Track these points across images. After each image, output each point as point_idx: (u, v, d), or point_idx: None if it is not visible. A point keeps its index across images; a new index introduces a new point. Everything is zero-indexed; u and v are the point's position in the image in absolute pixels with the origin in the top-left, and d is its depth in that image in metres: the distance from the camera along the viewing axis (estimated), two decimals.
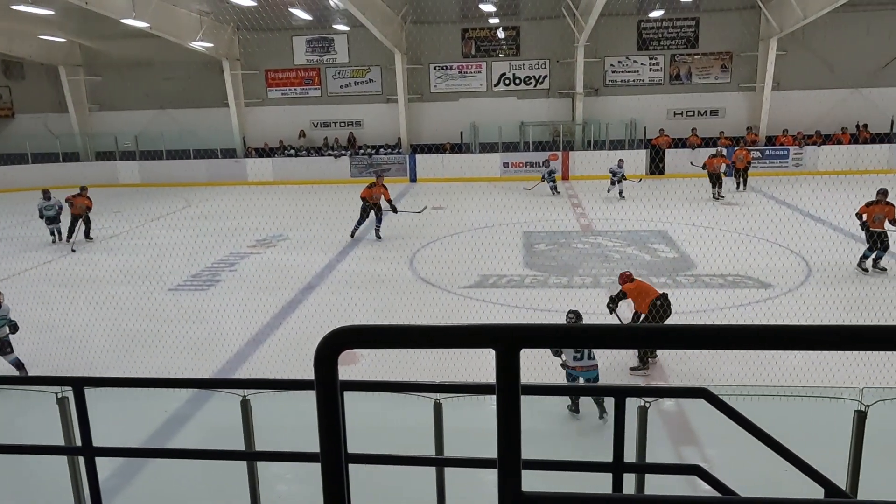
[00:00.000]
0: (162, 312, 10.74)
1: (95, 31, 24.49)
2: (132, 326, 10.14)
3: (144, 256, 14.48)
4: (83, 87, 27.29)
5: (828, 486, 3.30)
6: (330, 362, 1.07)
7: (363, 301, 10.95)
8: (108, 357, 8.88)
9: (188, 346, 9.08)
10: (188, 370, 8.25)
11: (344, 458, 1.14)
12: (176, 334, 9.57)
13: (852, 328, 1.08)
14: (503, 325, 1.10)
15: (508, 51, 25.57)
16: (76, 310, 10.69)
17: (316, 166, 25.23)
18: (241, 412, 3.77)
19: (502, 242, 14.44)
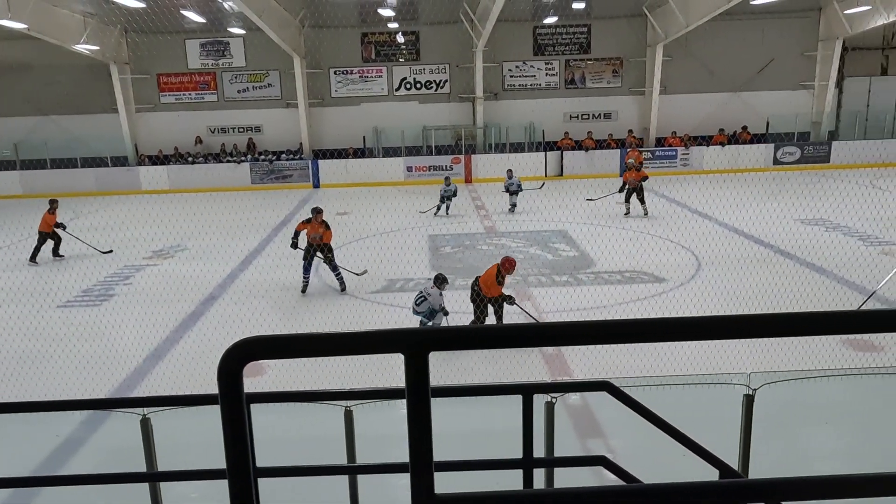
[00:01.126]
0: (51, 331, 10.11)
1: None
2: (19, 347, 9.48)
3: (30, 272, 13.60)
4: None
5: (722, 468, 3.50)
6: (234, 375, 1.04)
7: (268, 310, 10.70)
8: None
9: (82, 366, 8.58)
10: (82, 391, 7.80)
11: (252, 472, 1.12)
12: (68, 353, 9.03)
13: (740, 317, 1.15)
14: (411, 329, 1.11)
15: (409, 55, 25.69)
16: None
17: (215, 173, 24.42)
18: (140, 432, 3.60)
19: (408, 246, 14.47)
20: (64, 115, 25.17)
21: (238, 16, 22.10)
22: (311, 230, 11.40)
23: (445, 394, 3.23)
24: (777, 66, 25.40)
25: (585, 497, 1.22)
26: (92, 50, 22.46)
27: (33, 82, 24.77)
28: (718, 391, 5.28)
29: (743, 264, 12.24)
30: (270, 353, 1.06)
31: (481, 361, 7.99)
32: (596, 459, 3.78)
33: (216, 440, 1.22)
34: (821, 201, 16.77)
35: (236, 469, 1.07)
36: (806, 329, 1.18)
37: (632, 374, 7.59)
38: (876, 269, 11.70)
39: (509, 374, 7.60)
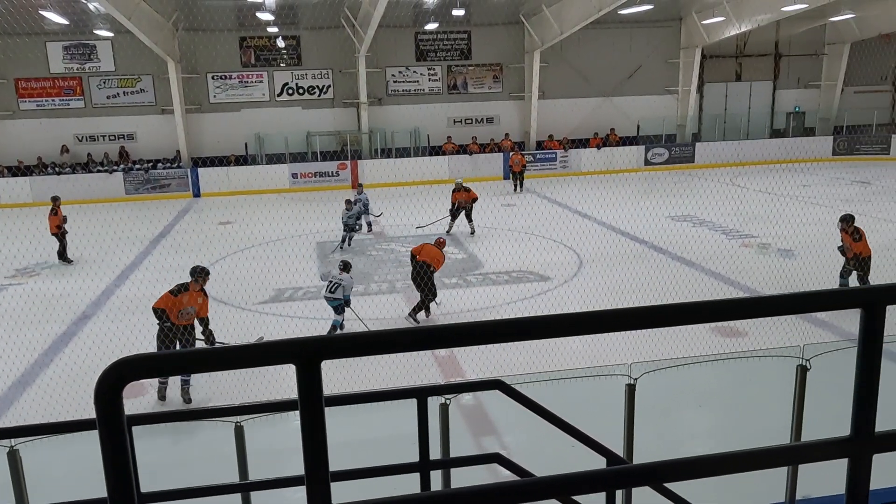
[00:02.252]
0: None
1: None
2: None
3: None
4: None
5: (609, 456, 3.66)
6: (112, 396, 0.98)
7: (149, 327, 10.15)
8: None
9: None
10: None
11: (137, 498, 1.06)
12: None
13: (620, 311, 1.22)
14: (301, 339, 1.09)
15: (290, 60, 25.22)
16: None
17: (84, 184, 22.88)
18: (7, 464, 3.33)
19: (295, 255, 14.19)
20: None
21: (105, 17, 20.92)
22: (178, 304, 7.84)
23: (339, 402, 3.19)
24: (644, 72, 26.92)
25: (480, 496, 1.24)
26: None
27: None
28: (603, 382, 5.52)
29: (620, 260, 12.86)
30: (151, 371, 1.01)
31: (374, 367, 7.95)
32: (490, 457, 3.86)
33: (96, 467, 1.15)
34: (688, 199, 17.91)
35: (119, 496, 1.01)
36: (678, 319, 1.26)
37: (522, 372, 7.80)
38: (738, 260, 12.63)
39: (402, 379, 7.61)
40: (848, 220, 10.22)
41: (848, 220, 10.20)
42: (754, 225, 15.43)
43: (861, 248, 10.03)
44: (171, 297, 7.76)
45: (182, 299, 7.77)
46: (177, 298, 7.77)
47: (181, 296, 7.82)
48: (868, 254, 10.03)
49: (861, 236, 10.04)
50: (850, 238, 10.10)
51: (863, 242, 10.03)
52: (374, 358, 7.75)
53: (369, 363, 7.87)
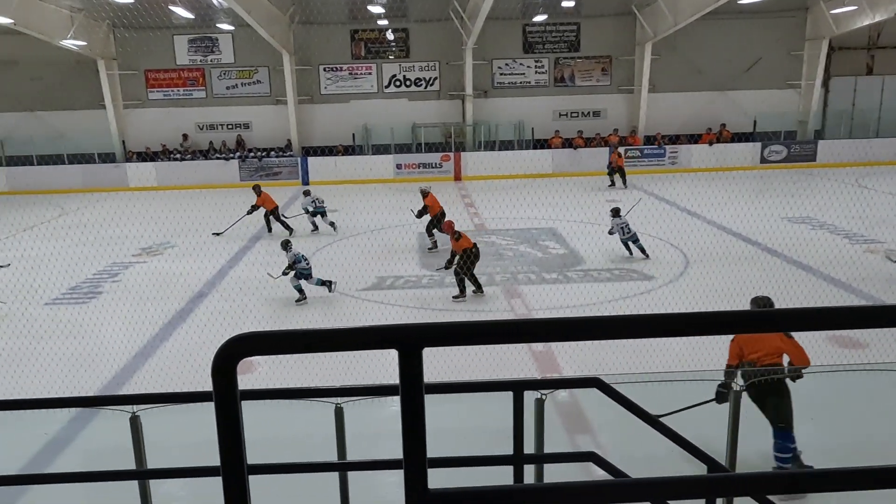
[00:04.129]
0: (38, 329, 10.03)
1: None
2: (5, 345, 9.41)
3: (15, 269, 13.47)
4: None
5: (710, 463, 3.53)
6: (228, 371, 1.04)
7: (257, 307, 10.67)
8: None
9: (69, 364, 8.53)
10: (70, 389, 7.75)
11: (245, 469, 1.12)
12: (55, 351, 8.97)
13: (728, 314, 1.17)
14: (405, 325, 1.11)
15: (398, 52, 25.65)
16: None
17: (203, 170, 24.29)
18: (130, 429, 3.59)
19: (398, 244, 14.46)
20: (50, 111, 24.95)
21: (227, 12, 21.98)
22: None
23: (437, 390, 3.23)
24: (764, 65, 25.55)
25: (575, 491, 1.23)
26: (79, 45, 22.28)
27: (18, 78, 24.54)
28: (707, 387, 5.32)
29: (730, 262, 12.32)
30: (265, 349, 1.06)
31: (470, 357, 8.00)
32: (585, 455, 3.81)
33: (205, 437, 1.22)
34: (807, 200, 16.91)
35: (230, 467, 1.07)
36: (792, 325, 1.20)
37: (621, 371, 7.63)
38: (860, 266, 11.81)
39: (497, 371, 7.62)
40: None
41: None
42: (881, 230, 14.38)
43: None
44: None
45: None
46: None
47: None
48: None
49: None
50: None
51: None
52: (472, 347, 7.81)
53: (465, 352, 7.93)
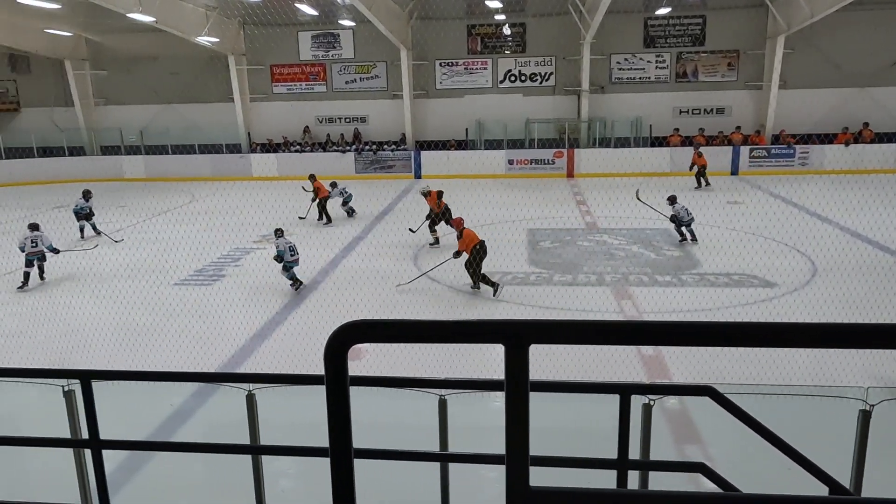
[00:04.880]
0: (167, 307, 10.77)
1: (101, 26, 24.53)
2: (137, 320, 10.16)
3: (149, 251, 14.50)
4: (89, 82, 27.33)
5: (832, 485, 3.29)
6: (340, 356, 1.07)
7: (367, 297, 10.96)
8: (114, 351, 8.91)
9: (193, 341, 9.10)
10: (193, 365, 8.27)
11: (352, 452, 1.15)
12: (181, 329, 9.59)
13: (857, 326, 1.07)
14: (513, 321, 1.10)
15: (514, 48, 25.54)
16: (82, 303, 10.73)
17: (321, 162, 25.19)
18: (246, 407, 3.77)
19: (507, 240, 14.43)
20: (184, 104, 26.68)
21: (349, 8, 22.66)
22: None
23: (542, 388, 3.19)
24: None
25: (682, 502, 1.18)
26: (212, 42, 23.65)
27: (158, 72, 26.40)
28: (831, 404, 4.98)
29: (864, 272, 11.46)
30: (375, 336, 1.08)
31: (576, 357, 7.87)
32: (694, 466, 3.65)
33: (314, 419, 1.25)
34: None
35: (338, 449, 1.10)
36: None
37: (735, 381, 7.28)
38: None
39: (603, 373, 7.46)
40: None
41: None
42: None
43: None
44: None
45: None
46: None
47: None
48: None
49: None
50: None
51: None
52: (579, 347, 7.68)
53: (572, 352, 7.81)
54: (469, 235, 11.30)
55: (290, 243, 11.62)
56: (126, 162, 26.38)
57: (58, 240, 12.95)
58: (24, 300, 11.51)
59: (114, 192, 22.79)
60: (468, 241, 11.22)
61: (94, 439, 3.14)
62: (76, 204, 16.35)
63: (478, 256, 11.04)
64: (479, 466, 3.92)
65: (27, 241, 12.25)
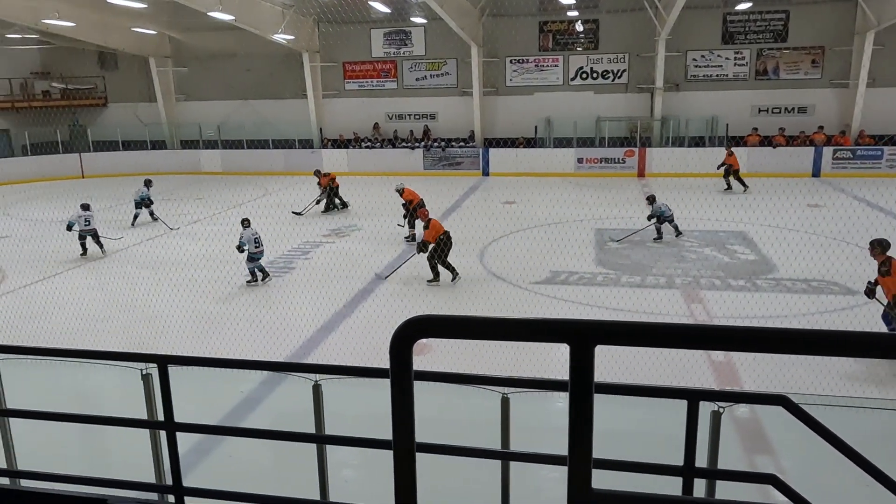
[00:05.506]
0: (238, 297, 11.10)
1: (184, 24, 25.46)
2: (210, 309, 10.52)
3: (223, 242, 14.95)
4: (171, 78, 28.42)
5: None
6: (405, 350, 1.08)
7: (432, 293, 11.02)
8: (188, 338, 9.25)
9: (263, 331, 9.36)
10: (262, 354, 8.50)
11: (414, 446, 1.16)
12: (251, 318, 9.88)
13: None
14: (579, 321, 1.09)
15: (587, 44, 25.18)
16: (160, 291, 11.18)
17: (390, 158, 25.51)
18: (312, 397, 3.85)
19: (574, 239, 14.26)
20: (259, 100, 27.42)
21: (421, 6, 22.82)
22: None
23: (607, 390, 3.15)
24: None
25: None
26: (287, 39, 24.22)
27: (235, 69, 27.22)
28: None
29: None
30: (441, 331, 1.09)
31: (642, 359, 7.72)
32: (765, 477, 3.53)
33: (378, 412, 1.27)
34: None
35: (401, 442, 1.11)
36: None
37: (811, 392, 6.99)
38: None
39: (670, 377, 7.29)
40: (877, 245, 8.34)
41: (876, 247, 8.34)
42: None
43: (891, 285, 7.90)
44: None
45: None
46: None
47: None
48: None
49: (890, 268, 7.95)
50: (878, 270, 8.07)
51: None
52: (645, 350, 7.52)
53: (638, 354, 7.67)
54: (435, 226, 11.80)
55: (256, 234, 12.01)
56: (204, 156, 27.32)
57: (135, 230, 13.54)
58: (108, 287, 12.08)
59: (191, 184, 23.66)
60: (434, 231, 11.68)
61: (170, 421, 3.28)
62: (138, 192, 17.21)
63: (444, 247, 11.52)
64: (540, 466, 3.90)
65: (80, 219, 13.57)
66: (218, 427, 4.02)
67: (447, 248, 11.60)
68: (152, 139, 27.92)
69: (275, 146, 26.84)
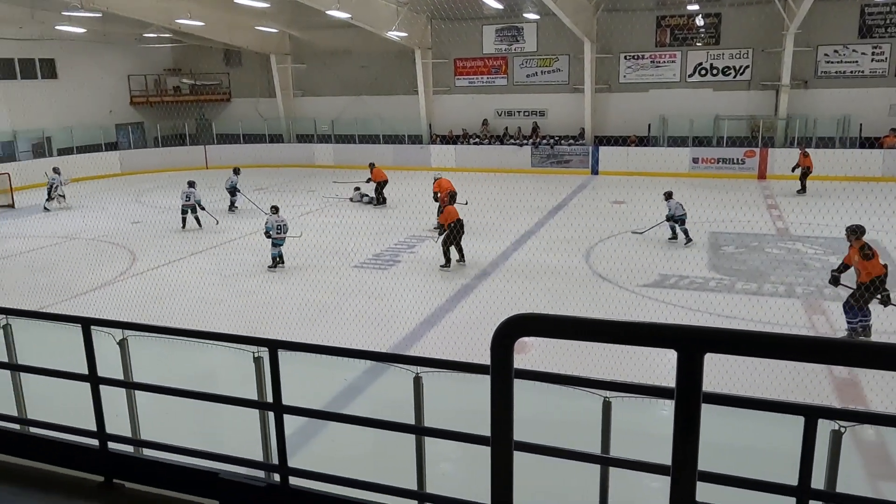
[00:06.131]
0: (346, 287, 11.44)
1: (303, 22, 26.48)
2: (319, 299, 10.89)
3: (333, 234, 15.45)
4: (290, 75, 29.65)
5: None
6: (506, 348, 1.07)
7: (536, 292, 10.94)
8: (296, 324, 9.62)
9: (367, 322, 9.59)
10: (366, 343, 8.72)
11: (512, 443, 1.14)
12: (357, 309, 10.15)
13: None
14: (690, 327, 1.04)
15: (707, 39, 24.14)
16: (272, 279, 11.69)
17: (497, 155, 25.50)
18: (413, 388, 3.91)
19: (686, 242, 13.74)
20: (371, 96, 28.10)
21: (534, 1, 22.65)
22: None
23: (715, 401, 3.00)
24: None
25: None
26: (401, 36, 24.67)
27: (350, 66, 28.04)
28: None
29: None
30: (543, 331, 1.07)
31: (754, 371, 7.33)
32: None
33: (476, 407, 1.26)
34: None
35: (499, 438, 1.10)
36: None
37: None
38: None
39: (784, 391, 6.89)
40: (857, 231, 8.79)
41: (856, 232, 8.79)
42: None
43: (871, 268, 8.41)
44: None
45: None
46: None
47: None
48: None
49: (873, 253, 8.54)
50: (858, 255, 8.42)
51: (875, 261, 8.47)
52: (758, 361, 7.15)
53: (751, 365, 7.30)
54: (449, 211, 12.70)
55: (281, 221, 12.83)
56: (317, 150, 28.31)
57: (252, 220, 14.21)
58: (225, 272, 12.76)
59: (305, 177, 24.57)
60: (447, 216, 12.65)
61: (278, 404, 3.42)
62: (229, 181, 18.51)
63: (455, 233, 12.46)
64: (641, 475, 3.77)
65: (183, 195, 15.18)
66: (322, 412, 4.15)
67: (459, 234, 12.52)
68: (270, 133, 29.23)
69: (384, 141, 27.43)
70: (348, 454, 5.89)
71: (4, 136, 24.52)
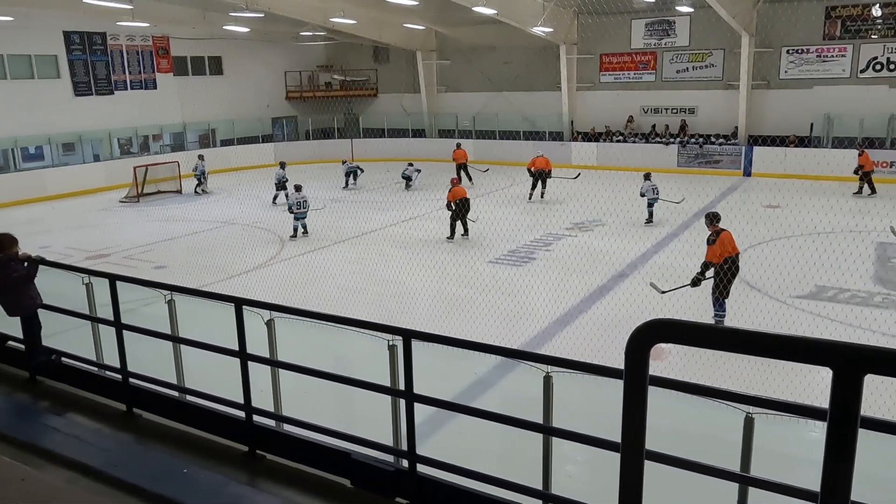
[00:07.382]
0: (480, 282, 11.53)
1: (449, 19, 26.90)
2: (453, 291, 11.06)
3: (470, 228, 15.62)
4: (434, 71, 30.25)
5: None
6: (642, 353, 1.02)
7: (674, 296, 10.49)
8: (430, 315, 9.83)
9: (500, 317, 9.62)
10: (497, 339, 8.75)
11: (643, 451, 1.10)
12: (490, 304, 10.21)
13: None
14: (849, 344, 0.95)
15: (885, 31, 22.01)
16: (409, 270, 12.01)
17: (641, 153, 24.67)
18: (542, 387, 3.87)
19: (848, 252, 12.63)
20: (513, 92, 28.08)
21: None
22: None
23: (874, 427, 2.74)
24: None
25: None
26: (546, 32, 24.45)
27: (493, 62, 28.19)
28: None
29: None
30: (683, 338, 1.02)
31: None
32: None
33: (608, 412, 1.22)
34: None
35: (630, 445, 1.06)
36: None
37: None
38: None
39: None
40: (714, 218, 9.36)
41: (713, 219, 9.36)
42: None
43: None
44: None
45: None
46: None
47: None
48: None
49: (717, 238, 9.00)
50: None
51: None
52: None
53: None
54: (456, 191, 14.52)
55: (302, 198, 14.55)
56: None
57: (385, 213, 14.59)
58: (365, 261, 13.26)
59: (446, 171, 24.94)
60: (454, 194, 14.46)
61: (409, 391, 3.51)
62: (277, 175, 19.05)
63: (461, 209, 14.22)
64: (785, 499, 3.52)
65: (297, 201, 15.16)
66: (452, 403, 4.21)
67: (465, 210, 14.29)
68: (413, 128, 29.99)
69: (525, 137, 27.34)
70: (474, 447, 5.95)
71: (176, 127, 26.97)
